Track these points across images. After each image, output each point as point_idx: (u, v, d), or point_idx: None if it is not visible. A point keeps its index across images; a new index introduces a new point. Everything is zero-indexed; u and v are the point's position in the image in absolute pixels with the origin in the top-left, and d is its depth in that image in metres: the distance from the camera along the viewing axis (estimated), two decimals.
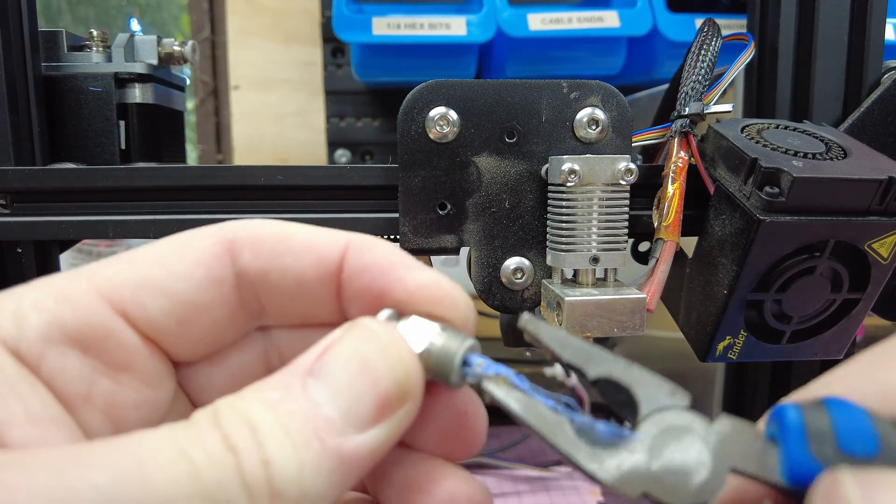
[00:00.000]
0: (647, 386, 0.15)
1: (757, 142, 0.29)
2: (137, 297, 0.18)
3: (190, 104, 0.87)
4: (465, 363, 0.17)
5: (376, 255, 0.19)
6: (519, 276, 0.30)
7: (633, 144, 0.30)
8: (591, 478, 0.14)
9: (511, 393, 0.16)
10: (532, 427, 0.15)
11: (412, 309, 0.18)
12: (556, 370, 0.65)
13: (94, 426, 0.18)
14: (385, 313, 0.18)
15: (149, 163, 0.38)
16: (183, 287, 0.18)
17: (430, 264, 0.33)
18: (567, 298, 0.26)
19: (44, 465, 0.14)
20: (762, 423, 0.15)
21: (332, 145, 0.76)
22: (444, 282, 0.19)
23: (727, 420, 0.15)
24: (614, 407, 0.15)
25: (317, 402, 0.16)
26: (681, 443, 0.15)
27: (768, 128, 0.30)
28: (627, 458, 0.14)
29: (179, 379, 0.20)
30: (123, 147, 0.38)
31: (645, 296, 0.27)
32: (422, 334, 0.17)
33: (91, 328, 0.17)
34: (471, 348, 0.17)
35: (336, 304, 0.20)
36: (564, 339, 0.16)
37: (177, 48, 0.39)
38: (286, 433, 0.15)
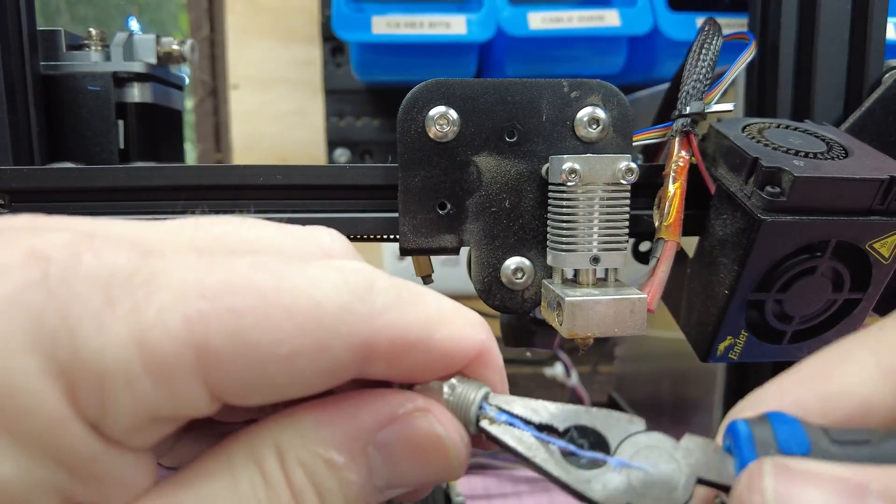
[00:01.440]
0: (608, 421, 0.18)
1: (758, 141, 0.29)
2: (243, 393, 0.15)
3: (189, 103, 0.87)
4: (480, 408, 0.18)
5: (492, 377, 0.19)
6: (519, 275, 0.30)
7: (633, 144, 0.30)
8: (581, 497, 0.17)
9: (512, 435, 0.18)
10: (528, 461, 0.17)
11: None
12: (557, 370, 0.64)
13: None
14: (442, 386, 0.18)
15: (147, 162, 0.38)
16: (291, 388, 0.15)
17: (430, 264, 0.33)
18: (567, 298, 0.26)
19: None
20: (719, 439, 0.18)
21: (332, 144, 0.76)
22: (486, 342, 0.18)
23: (690, 437, 0.17)
24: (589, 448, 0.18)
25: (373, 473, 0.16)
26: (652, 459, 0.17)
27: (769, 127, 0.30)
28: (611, 478, 0.17)
29: None
30: (122, 146, 0.38)
31: (646, 296, 0.27)
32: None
33: (184, 415, 0.15)
34: (485, 396, 0.18)
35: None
36: (533, 406, 0.18)
37: (176, 47, 0.39)
38: (344, 500, 0.16)
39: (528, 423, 0.18)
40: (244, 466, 0.15)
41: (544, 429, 0.18)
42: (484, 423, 0.18)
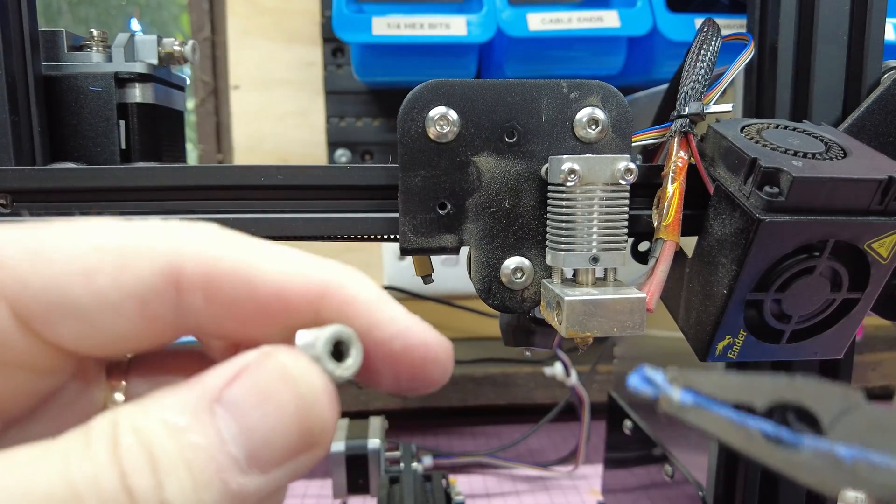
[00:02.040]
0: (819, 394, 0.15)
1: (756, 141, 0.29)
2: (49, 315, 0.15)
3: (190, 104, 0.87)
4: (648, 380, 0.16)
5: (357, 311, 0.17)
6: (519, 275, 0.30)
7: (632, 144, 0.30)
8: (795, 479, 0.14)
9: (705, 417, 0.15)
10: (727, 443, 0.15)
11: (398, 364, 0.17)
12: (556, 370, 0.65)
13: None
14: (304, 337, 0.16)
15: (149, 163, 0.38)
16: (108, 317, 0.16)
17: (430, 264, 0.33)
18: (567, 298, 0.26)
19: None
20: None
21: (333, 145, 0.76)
22: (431, 340, 0.17)
23: None
24: (795, 429, 0.15)
25: (223, 436, 0.15)
26: (878, 443, 0.14)
27: (768, 127, 0.30)
28: (827, 458, 0.14)
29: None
30: (123, 147, 0.38)
31: (645, 295, 0.27)
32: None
33: None
34: (337, 334, 0.16)
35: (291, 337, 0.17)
36: (719, 382, 0.15)
37: (177, 48, 0.39)
38: (188, 471, 0.14)
39: (720, 403, 0.15)
40: (73, 437, 0.14)
41: (741, 408, 0.15)
42: (668, 408, 0.15)
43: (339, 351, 0.17)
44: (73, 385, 0.18)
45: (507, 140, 0.29)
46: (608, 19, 0.58)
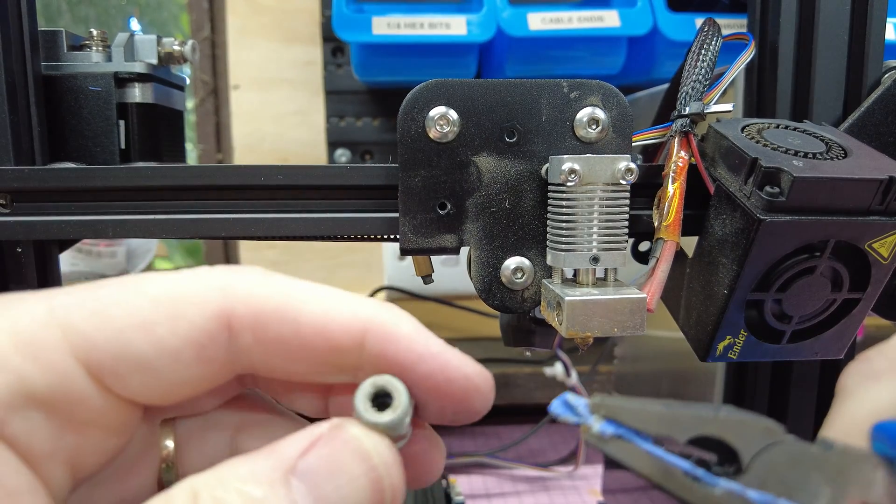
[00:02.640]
0: (740, 431, 0.15)
1: (757, 141, 0.29)
2: (117, 369, 0.16)
3: (190, 104, 0.87)
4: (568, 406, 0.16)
5: (399, 347, 0.17)
6: (519, 275, 0.30)
7: (633, 144, 0.30)
8: None
9: (625, 451, 0.15)
10: (645, 477, 0.15)
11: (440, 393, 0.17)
12: (556, 370, 0.65)
13: (56, 479, 0.17)
14: (364, 400, 0.17)
15: (148, 162, 0.38)
16: (169, 365, 0.16)
17: (430, 264, 0.33)
18: (567, 298, 0.26)
19: None
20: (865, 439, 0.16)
21: (332, 145, 0.76)
22: (472, 373, 0.18)
23: (839, 448, 0.15)
24: (718, 461, 0.15)
25: None
26: (795, 480, 0.14)
27: (768, 127, 0.30)
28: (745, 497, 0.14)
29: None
30: (123, 147, 0.38)
31: (645, 295, 0.27)
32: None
33: (61, 392, 0.16)
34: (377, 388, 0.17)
35: (349, 376, 0.18)
36: (642, 412, 0.16)
37: (177, 48, 0.39)
38: None
39: (641, 435, 0.15)
40: None
41: (663, 440, 0.15)
42: (588, 437, 0.16)
43: (383, 402, 0.17)
44: (133, 445, 0.19)
45: (507, 140, 0.29)
46: (608, 19, 0.58)
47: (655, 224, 0.29)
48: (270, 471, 0.15)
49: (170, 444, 0.20)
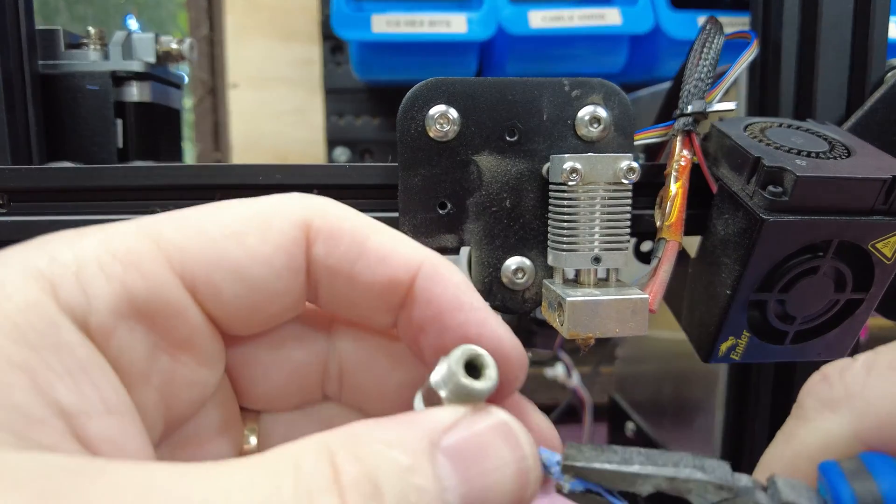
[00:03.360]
0: (696, 490, 0.16)
1: (760, 140, 0.29)
2: (212, 278, 0.17)
3: (188, 102, 0.87)
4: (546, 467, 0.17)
5: (447, 290, 0.18)
6: (520, 276, 0.29)
7: (635, 143, 0.30)
8: None
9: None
10: None
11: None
12: (558, 371, 0.64)
13: (149, 406, 0.17)
14: (436, 374, 0.17)
15: (146, 161, 0.38)
16: (261, 273, 0.17)
17: None
18: (568, 299, 0.26)
19: (134, 489, 0.12)
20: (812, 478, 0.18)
21: (332, 144, 0.76)
22: (506, 338, 0.18)
23: (782, 482, 0.17)
24: None
25: (444, 485, 0.14)
26: None
27: (771, 126, 0.30)
28: None
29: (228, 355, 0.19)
30: (121, 146, 0.37)
31: (647, 296, 0.27)
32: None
33: (161, 303, 0.16)
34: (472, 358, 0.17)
35: (392, 316, 0.19)
36: (606, 472, 0.17)
37: (174, 46, 0.39)
38: None
39: (609, 491, 0.17)
40: (280, 456, 0.14)
41: (627, 497, 0.17)
42: (559, 489, 0.17)
43: (471, 371, 0.17)
44: (216, 409, 0.19)
45: (508, 139, 0.29)
46: (610, 17, 0.58)
47: (657, 224, 0.29)
48: (415, 440, 0.14)
49: (253, 440, 0.21)
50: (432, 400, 0.17)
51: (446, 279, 0.18)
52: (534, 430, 0.19)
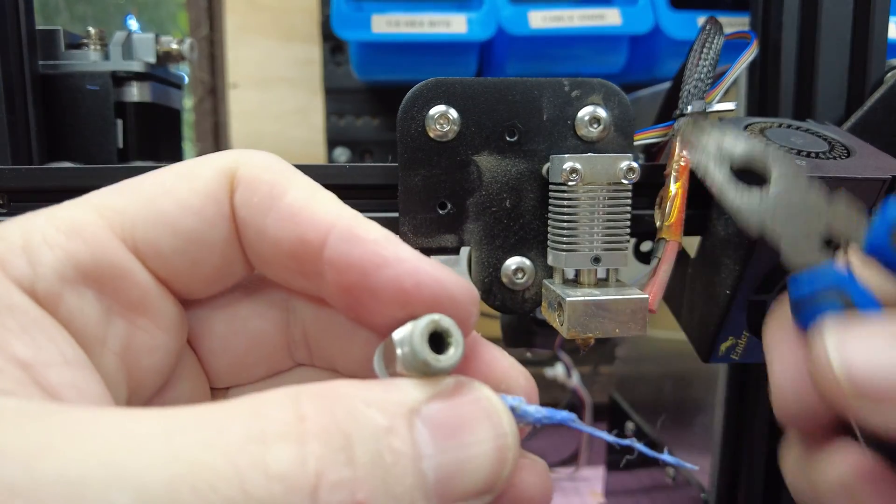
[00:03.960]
0: (778, 161, 0.21)
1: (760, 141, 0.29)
2: (149, 235, 0.17)
3: (188, 102, 0.87)
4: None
5: (365, 249, 0.17)
6: (520, 276, 0.29)
7: (634, 143, 0.30)
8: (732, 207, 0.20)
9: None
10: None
11: (411, 305, 0.17)
12: (557, 371, 0.64)
13: (110, 371, 0.17)
14: (399, 332, 0.16)
15: (146, 162, 0.38)
16: (193, 223, 0.17)
17: None
18: (568, 299, 0.26)
19: (99, 437, 0.12)
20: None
21: (332, 144, 0.76)
22: (447, 279, 0.17)
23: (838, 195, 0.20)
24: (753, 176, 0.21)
25: (420, 452, 0.14)
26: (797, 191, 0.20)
27: (771, 126, 0.30)
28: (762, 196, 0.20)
29: (190, 325, 0.19)
30: (121, 146, 0.37)
31: (647, 296, 0.27)
32: None
33: (106, 266, 0.16)
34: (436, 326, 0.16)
35: (314, 283, 0.18)
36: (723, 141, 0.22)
37: (175, 46, 0.39)
38: (384, 478, 0.13)
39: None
40: (243, 404, 0.13)
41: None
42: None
43: (436, 342, 0.16)
44: (185, 386, 0.20)
45: (507, 139, 0.29)
46: (610, 17, 0.58)
47: (657, 224, 0.29)
48: (395, 404, 0.14)
49: None
50: (391, 359, 0.16)
51: (361, 238, 0.17)
52: (493, 365, 0.18)
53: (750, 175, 0.21)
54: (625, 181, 0.27)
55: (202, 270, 0.18)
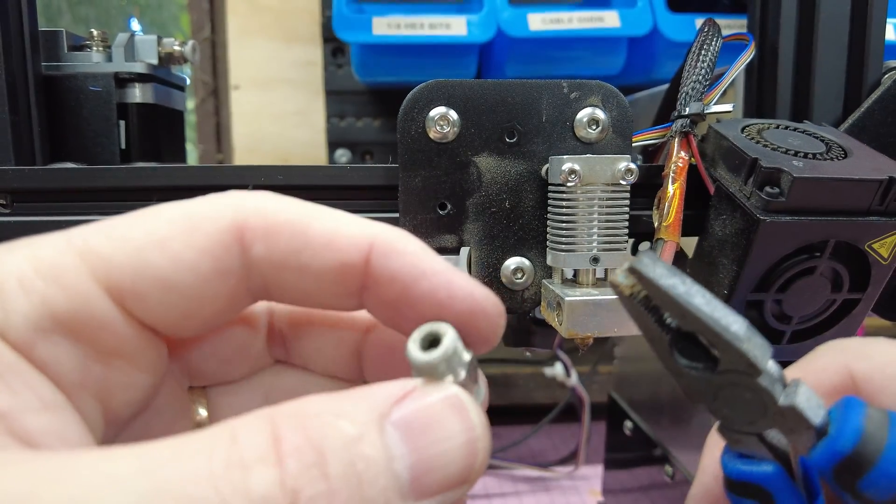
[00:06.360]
0: (728, 351, 0.17)
1: (757, 142, 0.29)
2: (137, 288, 0.16)
3: (190, 104, 0.87)
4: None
5: (404, 262, 0.17)
6: (519, 276, 0.30)
7: (633, 144, 0.30)
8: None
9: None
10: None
11: (443, 316, 0.17)
12: (557, 370, 0.65)
13: (88, 411, 0.17)
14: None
15: (149, 163, 0.38)
16: (187, 279, 0.16)
17: None
18: (567, 298, 0.26)
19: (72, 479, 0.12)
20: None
21: (333, 145, 0.76)
22: (477, 292, 0.18)
23: (804, 389, 0.18)
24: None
25: (392, 454, 0.14)
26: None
27: (769, 128, 0.30)
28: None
29: (172, 349, 0.19)
30: (123, 147, 0.38)
31: None
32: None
33: (84, 316, 0.16)
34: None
35: (355, 299, 0.18)
36: (663, 295, 0.17)
37: (177, 48, 0.39)
38: (359, 485, 0.13)
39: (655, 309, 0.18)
40: (217, 432, 0.13)
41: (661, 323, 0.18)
42: (616, 282, 0.17)
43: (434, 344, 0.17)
44: (164, 399, 0.19)
45: (507, 140, 0.29)
46: (608, 19, 0.58)
47: (655, 224, 0.29)
48: (364, 412, 0.14)
49: (203, 412, 0.20)
50: None
51: (401, 251, 0.17)
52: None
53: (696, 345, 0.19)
54: (623, 182, 0.27)
55: (194, 319, 0.18)
